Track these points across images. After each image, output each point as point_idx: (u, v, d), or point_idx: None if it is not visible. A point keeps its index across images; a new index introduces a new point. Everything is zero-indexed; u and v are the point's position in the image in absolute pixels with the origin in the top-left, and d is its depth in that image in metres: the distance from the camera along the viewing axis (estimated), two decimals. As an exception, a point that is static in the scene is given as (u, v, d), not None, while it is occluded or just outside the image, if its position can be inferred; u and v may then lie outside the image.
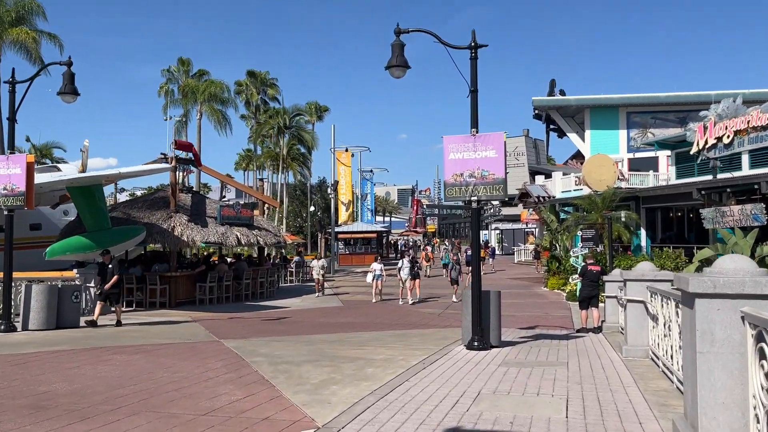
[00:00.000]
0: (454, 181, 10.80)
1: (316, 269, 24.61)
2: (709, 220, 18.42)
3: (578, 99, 46.10)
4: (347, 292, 26.53)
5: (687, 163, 27.43)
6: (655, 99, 43.83)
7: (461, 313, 11.20)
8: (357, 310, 19.81)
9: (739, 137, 18.39)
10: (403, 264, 21.87)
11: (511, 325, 16.17)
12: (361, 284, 30.74)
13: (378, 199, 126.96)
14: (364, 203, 51.74)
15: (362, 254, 46.04)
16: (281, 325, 15.59)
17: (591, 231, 17.59)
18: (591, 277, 14.94)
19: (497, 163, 10.57)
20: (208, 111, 36.54)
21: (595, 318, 14.91)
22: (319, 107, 62.69)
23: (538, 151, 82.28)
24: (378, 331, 14.14)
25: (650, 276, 9.46)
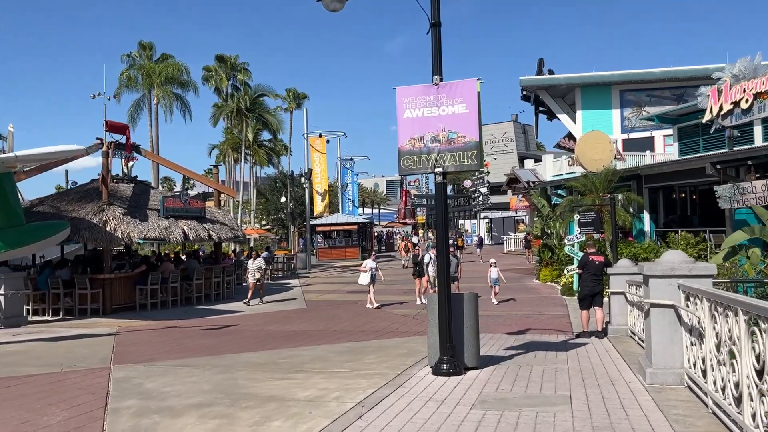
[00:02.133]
0: (411, 148, 8.01)
1: (251, 272, 19.60)
2: (726, 199, 15.74)
3: (568, 77, 43.30)
4: (319, 290, 23.76)
5: (692, 138, 24.75)
6: (650, 75, 41.09)
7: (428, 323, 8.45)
8: (320, 313, 17.04)
9: (759, 101, 15.68)
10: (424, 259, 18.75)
11: (497, 328, 13.46)
12: (336, 281, 27.96)
13: (366, 191, 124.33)
14: (344, 193, 48.89)
15: (342, 248, 43.19)
16: (215, 338, 12.79)
17: (590, 215, 14.87)
18: (593, 270, 12.23)
19: (469, 122, 7.79)
20: (165, 95, 33.36)
21: (598, 319, 12.21)
22: (298, 94, 59.68)
23: (527, 136, 79.68)
24: (329, 344, 11.37)
25: (683, 270, 6.75)
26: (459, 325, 8.09)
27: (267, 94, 39.48)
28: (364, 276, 17.92)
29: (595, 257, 12.35)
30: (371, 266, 17.91)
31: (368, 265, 17.97)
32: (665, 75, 39.90)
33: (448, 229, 8.03)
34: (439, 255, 7.93)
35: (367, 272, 17.78)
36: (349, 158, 48.27)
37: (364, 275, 17.95)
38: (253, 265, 19.64)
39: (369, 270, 17.78)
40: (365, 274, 17.89)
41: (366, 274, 17.84)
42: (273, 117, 37.57)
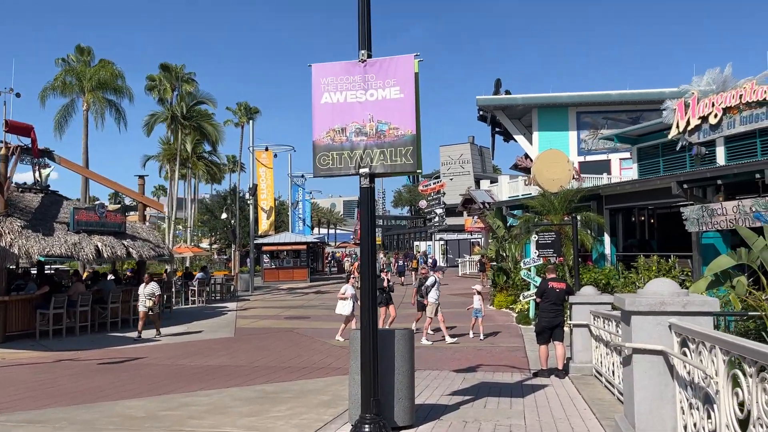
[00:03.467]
0: (330, 142, 6.25)
1: (142, 299, 16.10)
2: (694, 221, 14.48)
3: (525, 98, 42.63)
4: (256, 316, 21.64)
5: (652, 159, 23.82)
6: (607, 97, 40.70)
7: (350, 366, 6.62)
8: (247, 344, 15.00)
9: (728, 116, 14.59)
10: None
11: (445, 364, 11.72)
12: (277, 305, 25.85)
13: (322, 210, 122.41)
14: (295, 211, 46.85)
15: (290, 269, 40.97)
16: (108, 376, 10.65)
17: (549, 235, 13.37)
18: (553, 299, 10.64)
19: (403, 110, 6.09)
20: (97, 100, 30.73)
21: (559, 356, 10.59)
22: (249, 108, 57.60)
23: (484, 158, 79.16)
24: (240, 387, 9.40)
25: (675, 305, 5.15)
26: (388, 371, 6.30)
27: (206, 101, 37.20)
28: (344, 305, 14.96)
29: (556, 284, 10.78)
30: (351, 293, 15.01)
31: (348, 292, 15.06)
32: (621, 98, 39.55)
33: (375, 246, 6.24)
34: (364, 279, 6.14)
35: (347, 299, 14.92)
36: (300, 175, 46.31)
37: (343, 304, 15.02)
38: (145, 292, 16.08)
39: (350, 297, 14.92)
40: (345, 303, 14.97)
41: (347, 303, 14.93)
42: (212, 126, 35.18)
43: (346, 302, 15.00)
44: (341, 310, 15.04)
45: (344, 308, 14.99)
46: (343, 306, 15.05)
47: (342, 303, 15.09)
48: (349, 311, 14.85)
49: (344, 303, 15.03)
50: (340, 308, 15.07)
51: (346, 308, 14.96)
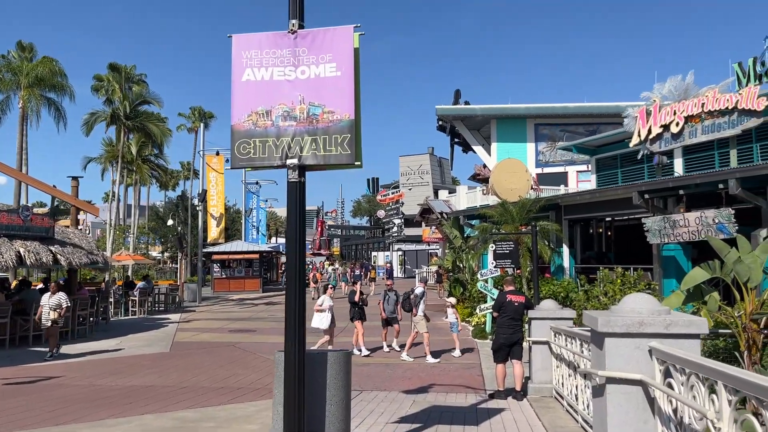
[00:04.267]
0: (252, 127, 5.25)
1: (46, 310, 14.09)
2: (655, 233, 13.95)
3: (484, 108, 42.35)
4: (198, 328, 20.28)
5: (610, 170, 23.51)
6: (564, 110, 40.74)
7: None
8: (181, 360, 13.75)
9: (690, 125, 14.15)
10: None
11: (394, 384, 10.76)
12: (223, 317, 24.48)
13: (280, 220, 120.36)
14: (248, 219, 45.38)
15: (242, 278, 39.42)
16: (8, 400, 9.33)
17: (507, 245, 12.58)
18: (511, 313, 9.82)
19: (340, 91, 5.15)
20: (33, 97, 28.77)
21: (517, 376, 9.75)
22: (204, 113, 55.96)
23: (443, 170, 78.92)
24: (157, 414, 8.25)
25: (657, 325, 4.33)
26: (318, 400, 5.30)
27: (151, 101, 35.36)
28: (321, 318, 13.43)
29: (514, 297, 9.96)
30: (329, 304, 13.61)
31: (326, 303, 13.59)
32: (579, 110, 39.59)
33: (305, 249, 5.24)
34: (290, 289, 5.14)
35: (325, 312, 13.46)
36: (254, 182, 44.94)
37: (320, 317, 13.45)
38: (50, 302, 14.15)
39: (328, 309, 13.50)
40: (323, 315, 13.44)
41: (324, 315, 13.43)
42: (157, 127, 33.46)
43: (323, 315, 13.51)
44: (318, 323, 13.42)
45: (321, 322, 13.45)
46: (320, 319, 13.48)
47: (318, 316, 13.51)
48: (327, 325, 13.43)
49: (321, 316, 13.52)
50: (316, 322, 13.40)
51: (323, 322, 13.45)
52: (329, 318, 13.52)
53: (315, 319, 13.46)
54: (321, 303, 13.71)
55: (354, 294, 14.71)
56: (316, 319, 13.48)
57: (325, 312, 13.54)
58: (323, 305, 13.62)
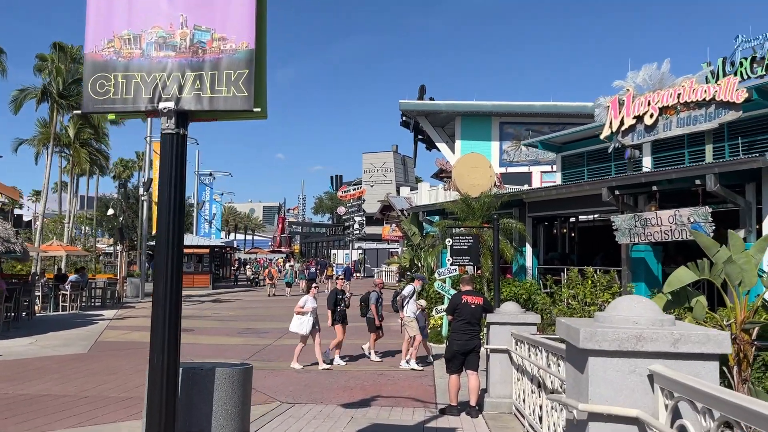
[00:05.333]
0: (114, 58, 3.80)
1: None
2: (625, 232, 12.91)
3: (449, 104, 41.40)
4: (130, 326, 18.56)
5: (576, 168, 22.57)
6: (530, 108, 40.01)
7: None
8: (95, 363, 12.12)
9: (665, 117, 13.15)
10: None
11: (333, 395, 9.39)
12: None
13: (240, 215, 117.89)
14: (200, 213, 43.40)
15: (190, 274, 37.36)
16: None
17: (466, 240, 11.30)
18: (467, 316, 8.55)
19: (237, 9, 3.73)
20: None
21: (472, 389, 8.50)
22: (158, 101, 53.57)
23: (406, 168, 77.85)
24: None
25: (661, 341, 3.07)
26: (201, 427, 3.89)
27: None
28: (301, 321, 11.81)
29: (471, 298, 8.69)
30: (312, 306, 11.91)
31: (308, 305, 11.87)
32: (545, 109, 38.90)
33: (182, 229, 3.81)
34: (158, 282, 3.74)
35: (306, 314, 11.81)
36: (207, 173, 43.01)
37: (300, 320, 11.83)
38: None
39: (309, 312, 11.81)
40: (303, 319, 11.80)
41: (304, 319, 11.79)
42: None
43: (304, 318, 11.82)
44: (297, 327, 11.82)
45: (301, 326, 11.78)
46: (300, 323, 11.82)
47: (299, 319, 11.86)
48: (307, 330, 11.76)
49: (302, 319, 11.82)
50: (295, 325, 11.87)
51: (303, 326, 11.76)
52: (311, 322, 11.79)
53: (294, 323, 11.91)
54: (303, 304, 11.93)
55: (341, 293, 12.64)
56: (296, 323, 11.88)
57: (306, 315, 11.81)
58: (305, 307, 11.86)
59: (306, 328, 11.76)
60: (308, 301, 11.97)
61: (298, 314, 11.90)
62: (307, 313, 11.81)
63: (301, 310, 11.89)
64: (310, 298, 12.07)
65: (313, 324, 11.81)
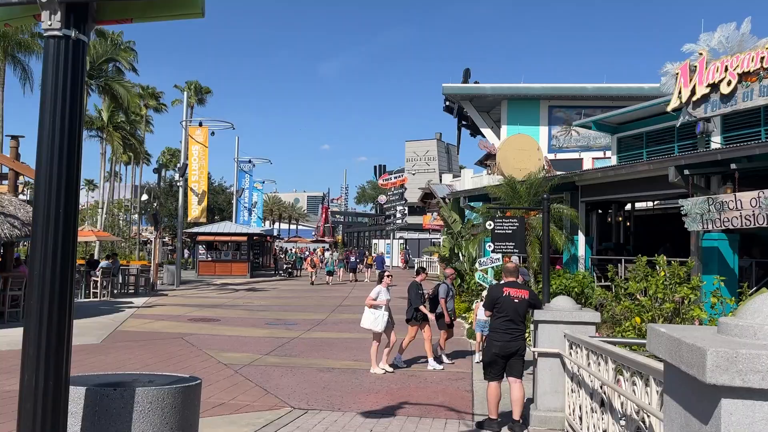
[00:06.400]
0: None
1: None
2: (696, 218, 11.18)
3: (495, 87, 39.52)
4: (156, 315, 17.79)
5: (634, 150, 20.71)
6: (582, 91, 37.82)
7: None
8: (101, 356, 11.20)
9: (745, 84, 11.35)
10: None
11: (352, 401, 8.13)
12: (194, 302, 21.96)
13: (284, 205, 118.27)
14: (240, 200, 42.83)
15: (228, 262, 36.92)
16: None
17: (511, 222, 9.75)
18: (509, 313, 7.13)
19: None
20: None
21: (516, 400, 7.09)
22: (200, 88, 53.42)
23: (450, 156, 75.94)
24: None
25: None
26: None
27: (118, 59, 32.39)
28: (375, 316, 10.15)
29: (514, 291, 7.26)
30: (386, 298, 10.33)
31: (382, 297, 10.28)
32: (598, 91, 36.64)
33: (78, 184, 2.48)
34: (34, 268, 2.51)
35: (380, 308, 10.18)
36: (247, 160, 42.35)
37: (373, 315, 10.18)
38: None
39: (384, 305, 10.23)
40: (377, 313, 10.15)
41: (378, 313, 10.15)
42: (123, 88, 30.44)
43: (378, 312, 10.16)
44: (371, 324, 10.16)
45: (375, 322, 10.13)
46: (373, 318, 10.16)
47: (372, 313, 10.21)
48: (382, 326, 10.13)
49: (375, 314, 10.17)
50: (368, 321, 10.21)
51: (378, 322, 10.12)
52: (386, 317, 10.18)
53: (367, 318, 10.28)
54: (375, 296, 10.30)
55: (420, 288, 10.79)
56: (368, 318, 10.25)
57: (380, 309, 10.19)
58: (378, 299, 10.25)
59: (381, 324, 10.10)
60: (381, 293, 10.32)
61: (370, 308, 10.27)
62: (381, 307, 10.20)
63: (373, 303, 10.23)
64: (383, 289, 10.40)
65: (388, 319, 10.23)
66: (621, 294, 8.33)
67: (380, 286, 10.55)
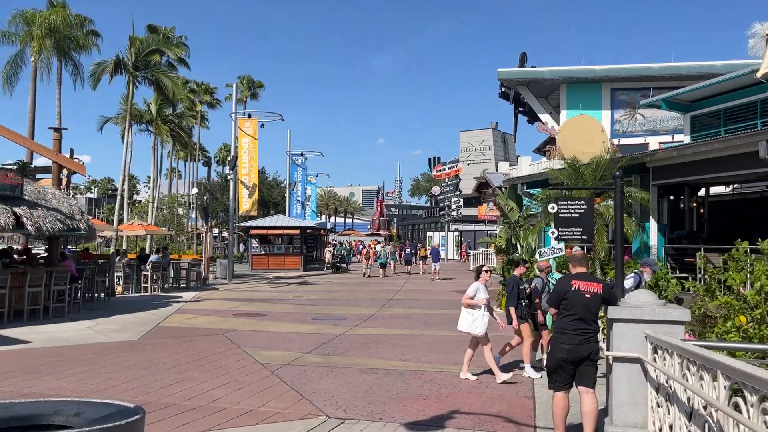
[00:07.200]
0: None
1: None
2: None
3: (553, 71, 37.72)
4: (202, 310, 17.36)
5: (710, 130, 18.89)
6: (647, 71, 35.57)
7: None
8: (135, 354, 10.63)
9: None
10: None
11: (395, 408, 7.16)
12: (243, 297, 21.49)
13: (340, 199, 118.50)
14: (293, 193, 42.56)
15: (281, 255, 36.59)
16: None
17: (578, 204, 8.45)
18: (580, 310, 5.99)
19: None
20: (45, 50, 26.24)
21: (588, 414, 5.96)
22: (253, 82, 53.48)
23: (506, 146, 73.81)
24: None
25: None
26: None
27: (163, 50, 32.18)
28: (474, 317, 8.84)
29: (585, 284, 6.11)
30: (485, 296, 8.97)
31: (480, 295, 8.92)
32: (665, 71, 34.36)
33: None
34: None
35: (479, 309, 8.86)
36: (299, 153, 41.98)
37: (471, 316, 8.86)
38: None
39: (483, 304, 8.90)
40: (475, 314, 8.85)
41: (477, 314, 8.84)
42: (169, 79, 30.19)
43: (477, 313, 8.85)
44: (469, 326, 8.84)
45: (474, 324, 8.79)
46: (472, 320, 8.83)
47: (470, 314, 8.88)
48: (483, 329, 8.79)
49: (474, 314, 8.85)
50: (466, 323, 8.90)
51: (477, 324, 8.78)
52: (486, 318, 8.88)
53: (464, 319, 8.94)
54: (473, 294, 8.93)
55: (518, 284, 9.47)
56: (466, 320, 8.90)
57: (480, 309, 8.87)
58: (476, 297, 8.89)
59: (481, 327, 8.79)
60: (479, 290, 8.96)
61: (467, 308, 8.94)
62: (480, 306, 8.89)
63: (471, 302, 8.88)
64: (481, 286, 9.02)
65: (487, 320, 8.94)
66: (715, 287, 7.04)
67: (477, 282, 9.11)
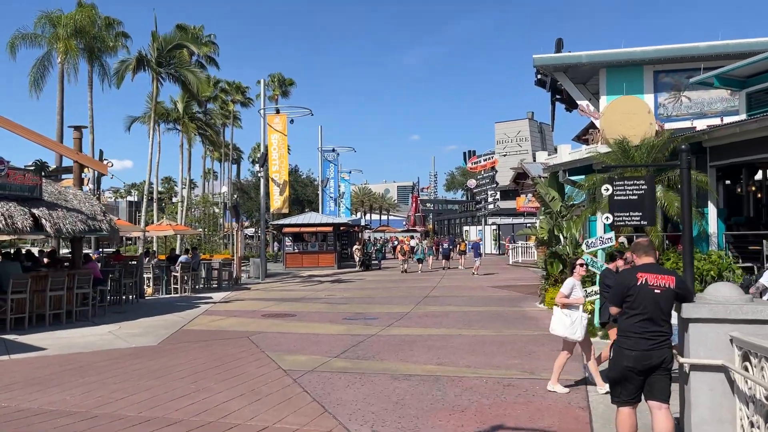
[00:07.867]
0: None
1: None
2: None
3: (591, 55, 35.91)
4: (231, 311, 16.74)
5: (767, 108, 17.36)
6: (693, 50, 33.45)
7: None
8: (153, 361, 9.95)
9: None
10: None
11: (430, 425, 6.21)
12: (274, 296, 20.84)
13: (375, 196, 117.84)
14: (325, 190, 41.94)
15: (315, 253, 35.98)
16: None
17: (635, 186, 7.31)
18: (649, 309, 4.95)
19: None
20: (70, 51, 26.02)
21: (661, 431, 4.94)
22: (284, 80, 53.04)
23: (543, 136, 71.94)
24: None
25: None
26: None
27: (186, 44, 31.64)
28: (572, 319, 7.65)
29: (653, 277, 5.06)
30: (582, 295, 7.88)
31: (577, 293, 7.80)
32: (712, 50, 32.30)
33: None
34: None
35: (576, 310, 7.72)
36: (330, 149, 41.32)
37: (568, 317, 7.67)
38: None
39: (581, 303, 7.81)
40: (573, 315, 7.67)
41: (575, 315, 7.67)
42: (192, 74, 29.64)
43: (574, 315, 7.69)
44: (565, 330, 7.67)
45: (572, 327, 7.64)
46: (570, 322, 7.66)
47: (567, 316, 7.69)
48: (581, 333, 7.65)
49: (572, 316, 7.68)
50: (560, 326, 7.72)
51: (575, 327, 7.64)
52: (584, 320, 7.72)
53: (558, 321, 7.76)
54: (568, 292, 7.77)
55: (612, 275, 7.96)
56: (561, 322, 7.73)
57: (576, 309, 7.73)
58: (572, 296, 7.77)
59: (579, 331, 7.62)
60: (576, 287, 7.83)
61: (562, 308, 7.76)
62: (578, 307, 7.75)
63: (566, 301, 7.72)
64: (577, 283, 7.91)
65: (585, 323, 7.74)
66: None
67: (572, 278, 7.99)
